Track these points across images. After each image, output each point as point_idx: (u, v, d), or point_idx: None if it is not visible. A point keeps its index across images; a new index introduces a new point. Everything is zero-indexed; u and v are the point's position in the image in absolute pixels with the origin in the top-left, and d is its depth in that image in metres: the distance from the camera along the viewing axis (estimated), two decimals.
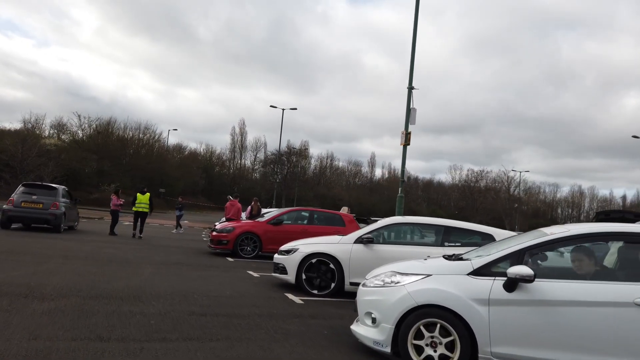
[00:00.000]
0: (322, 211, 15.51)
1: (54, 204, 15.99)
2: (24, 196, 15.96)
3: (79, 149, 52.71)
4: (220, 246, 13.97)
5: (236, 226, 14.16)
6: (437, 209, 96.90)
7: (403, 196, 15.17)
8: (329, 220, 15.04)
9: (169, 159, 67.98)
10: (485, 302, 4.43)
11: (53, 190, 16.70)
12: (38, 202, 15.84)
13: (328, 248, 8.42)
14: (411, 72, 15.27)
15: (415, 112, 15.17)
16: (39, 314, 5.51)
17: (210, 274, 9.97)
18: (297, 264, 8.46)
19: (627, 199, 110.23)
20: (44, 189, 16.65)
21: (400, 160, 15.54)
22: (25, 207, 15.77)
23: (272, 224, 14.23)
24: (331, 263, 8.31)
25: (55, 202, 16.03)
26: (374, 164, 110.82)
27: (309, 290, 8.36)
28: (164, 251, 13.82)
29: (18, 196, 15.97)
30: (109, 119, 60.02)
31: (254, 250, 13.91)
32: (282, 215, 14.57)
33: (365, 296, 5.11)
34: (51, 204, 15.93)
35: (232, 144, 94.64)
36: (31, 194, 16.04)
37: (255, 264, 12.50)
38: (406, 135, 15.07)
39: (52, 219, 15.93)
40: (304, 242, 8.90)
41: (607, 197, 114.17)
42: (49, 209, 15.86)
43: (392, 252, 8.15)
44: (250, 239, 13.94)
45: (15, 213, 15.76)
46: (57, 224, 16.06)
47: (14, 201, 15.85)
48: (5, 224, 15.87)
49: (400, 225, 8.86)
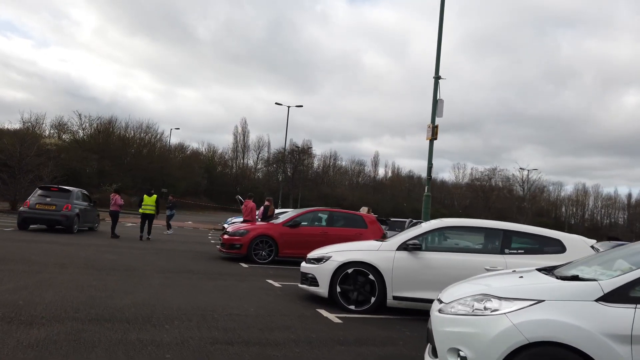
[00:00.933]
0: (342, 212, 14.32)
1: (67, 205, 16.52)
2: (39, 198, 16.70)
3: (80, 149, 51.60)
4: (232, 250, 12.79)
5: (250, 229, 12.98)
6: (440, 208, 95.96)
7: (430, 195, 13.99)
8: (350, 222, 13.88)
9: (171, 159, 66.85)
10: (626, 340, 3.25)
11: (67, 192, 17.18)
12: (51, 204, 16.51)
13: (366, 256, 7.23)
14: (437, 60, 14.09)
15: (443, 103, 13.99)
16: (24, 347, 4.34)
17: (226, 285, 8.79)
18: (330, 275, 7.27)
19: (632, 197, 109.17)
20: (58, 192, 17.19)
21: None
22: (39, 209, 16.45)
23: (288, 226, 13.06)
24: (370, 274, 7.12)
25: (67, 204, 16.56)
26: (377, 163, 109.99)
27: (345, 305, 7.17)
28: (170, 256, 12.66)
29: (34, 199, 16.75)
30: (110, 118, 58.97)
31: (270, 255, 12.75)
32: (299, 217, 13.39)
33: (446, 326, 3.90)
34: (64, 206, 16.48)
35: (234, 143, 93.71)
36: (46, 196, 16.79)
37: (273, 271, 11.33)
38: (433, 128, 13.88)
39: (64, 220, 16.46)
40: (337, 249, 7.71)
41: (612, 195, 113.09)
42: (61, 211, 16.42)
43: (443, 261, 6.98)
44: (265, 242, 12.76)
45: (30, 214, 16.47)
46: (69, 224, 16.53)
47: (30, 203, 16.62)
48: (22, 225, 16.54)
49: (451, 229, 7.64)
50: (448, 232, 7.70)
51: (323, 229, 13.34)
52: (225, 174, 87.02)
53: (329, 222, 13.56)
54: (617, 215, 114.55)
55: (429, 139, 13.97)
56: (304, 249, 13.10)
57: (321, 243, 13.23)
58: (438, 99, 14.01)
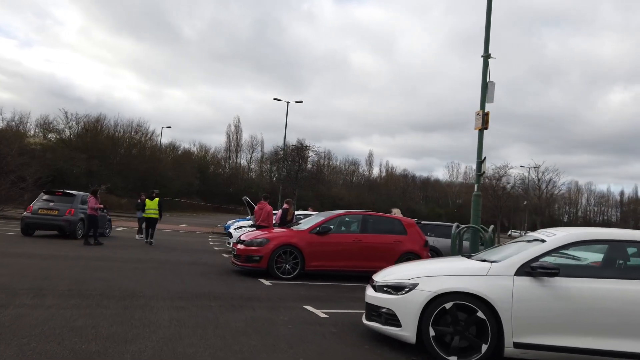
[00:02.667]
0: (377, 215, 12.13)
1: (70, 210, 16.04)
2: (42, 203, 16.30)
3: (66, 148, 49.02)
4: (249, 264, 10.57)
5: (270, 237, 10.76)
6: (435, 207, 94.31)
7: (480, 195, 11.84)
8: (386, 227, 11.76)
9: (163, 159, 64.30)
10: None
11: (71, 197, 16.68)
12: (54, 208, 16.08)
13: (471, 284, 5.05)
14: (487, 35, 11.98)
15: (494, 86, 11.85)
16: None
17: (258, 317, 6.57)
18: (419, 311, 5.09)
19: (624, 195, 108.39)
20: (63, 196, 16.71)
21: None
22: (41, 214, 16.02)
23: (316, 234, 10.88)
24: (479, 310, 4.96)
25: (70, 209, 16.08)
26: (371, 162, 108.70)
27: (443, 356, 4.97)
28: (175, 271, 10.41)
29: (37, 203, 16.32)
30: (98, 116, 56.44)
31: (295, 268, 10.56)
32: (327, 222, 11.19)
33: None
34: (66, 211, 16.00)
35: (227, 142, 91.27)
36: (49, 200, 16.36)
37: (304, 290, 9.15)
38: (483, 116, 11.74)
39: (66, 225, 16.00)
40: (421, 272, 5.49)
41: (605, 193, 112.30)
42: (64, 216, 15.95)
43: (595, 292, 4.82)
44: (289, 253, 10.57)
45: (32, 220, 16.03)
46: (72, 230, 16.09)
47: (32, 208, 16.19)
48: (25, 231, 16.20)
49: (596, 243, 5.43)
50: (593, 248, 5.50)
51: (356, 237, 11.18)
52: (219, 174, 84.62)
53: (362, 228, 11.39)
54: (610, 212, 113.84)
55: (478, 128, 11.82)
56: (335, 261, 10.97)
57: (354, 253, 11.09)
58: (488, 82, 11.88)
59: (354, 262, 11.00)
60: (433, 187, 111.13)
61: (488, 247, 11.14)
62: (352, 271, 11.13)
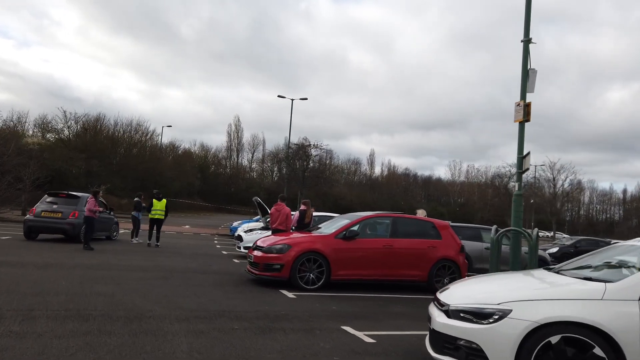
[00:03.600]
0: (407, 217, 10.99)
1: (74, 212, 15.27)
2: (46, 205, 15.59)
3: (65, 148, 47.78)
4: (269, 273, 9.43)
5: (292, 243, 9.60)
6: (437, 206, 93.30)
7: (522, 194, 10.69)
8: (418, 230, 10.64)
9: (163, 158, 63.06)
10: None
11: (76, 199, 15.90)
12: (57, 211, 15.38)
13: (583, 311, 3.90)
14: (527, 18, 10.83)
15: (535, 74, 10.71)
16: None
17: (293, 345, 5.43)
18: (515, 346, 3.94)
19: (627, 192, 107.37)
20: (66, 198, 15.99)
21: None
22: (44, 217, 15.30)
23: (342, 239, 9.74)
24: (596, 345, 3.82)
25: (74, 211, 15.30)
26: (373, 161, 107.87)
27: None
28: (186, 282, 9.27)
29: (41, 206, 15.61)
30: (98, 116, 55.14)
31: (319, 278, 9.42)
32: (354, 225, 10.04)
33: None
34: (70, 213, 15.27)
35: (228, 141, 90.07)
36: (53, 203, 15.68)
37: (335, 304, 8.02)
38: (524, 107, 10.60)
39: (70, 228, 15.24)
40: (514, 294, 4.29)
41: (607, 191, 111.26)
42: (67, 218, 15.22)
43: None
44: (313, 261, 9.42)
45: (35, 223, 15.31)
46: (76, 233, 15.22)
47: (35, 211, 15.48)
48: (28, 234, 15.47)
49: None
50: None
51: (386, 241, 10.04)
52: (219, 174, 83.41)
53: (392, 232, 10.24)
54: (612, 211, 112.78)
55: (518, 120, 10.66)
56: (364, 269, 9.80)
57: (385, 260, 9.92)
58: (529, 69, 10.74)
59: (384, 270, 9.88)
60: (435, 185, 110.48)
61: (532, 253, 10.03)
62: (382, 280, 10.01)
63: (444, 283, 10.28)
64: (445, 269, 10.35)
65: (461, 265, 10.49)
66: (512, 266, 10.52)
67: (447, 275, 10.34)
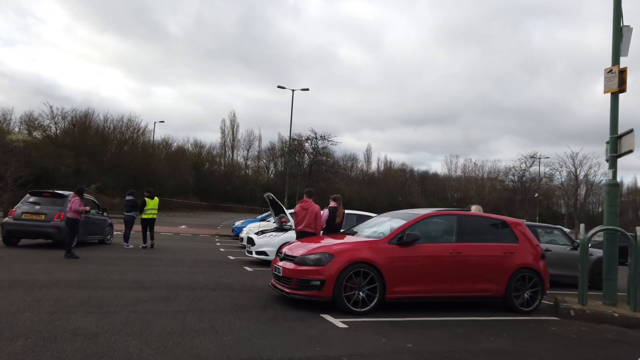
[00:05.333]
0: (474, 215, 8.70)
1: (59, 214, 13.36)
2: (28, 206, 13.72)
3: (52, 145, 45.16)
4: (306, 292, 7.13)
5: (334, 251, 7.30)
6: (435, 201, 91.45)
7: (617, 184, 8.48)
8: (489, 232, 8.41)
9: (156, 155, 60.48)
10: None
11: (61, 198, 13.92)
12: (40, 212, 13.50)
13: None
14: None
15: (631, 33, 8.51)
16: None
17: None
18: None
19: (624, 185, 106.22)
20: (51, 198, 14.06)
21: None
22: (25, 220, 13.41)
23: (398, 244, 7.48)
24: None
25: (60, 213, 13.38)
26: (370, 157, 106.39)
27: None
28: (195, 305, 6.98)
29: (23, 206, 13.71)
30: (87, 111, 52.50)
31: (372, 297, 7.16)
32: (411, 227, 7.76)
33: None
34: (55, 215, 13.39)
35: (222, 138, 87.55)
36: (35, 203, 13.81)
37: (405, 336, 5.78)
38: (619, 74, 8.37)
39: (55, 232, 13.31)
40: None
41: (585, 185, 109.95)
42: (52, 221, 13.34)
43: None
44: (363, 275, 7.16)
45: (15, 227, 13.40)
46: (62, 238, 13.02)
47: (15, 212, 13.60)
48: (7, 240, 13.65)
49: None
50: None
51: (453, 247, 7.80)
52: (214, 171, 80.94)
53: (458, 234, 7.98)
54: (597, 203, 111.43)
55: (611, 91, 8.44)
56: (427, 283, 7.41)
57: (453, 271, 7.50)
58: (622, 26, 8.54)
59: (451, 284, 7.64)
60: (431, 181, 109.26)
61: (638, 259, 7.85)
62: (448, 298, 7.77)
63: (524, 298, 8.08)
64: (525, 281, 8.13)
65: (543, 275, 8.28)
66: (606, 274, 8.33)
67: (528, 288, 8.13)
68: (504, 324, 7.06)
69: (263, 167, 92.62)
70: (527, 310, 8.06)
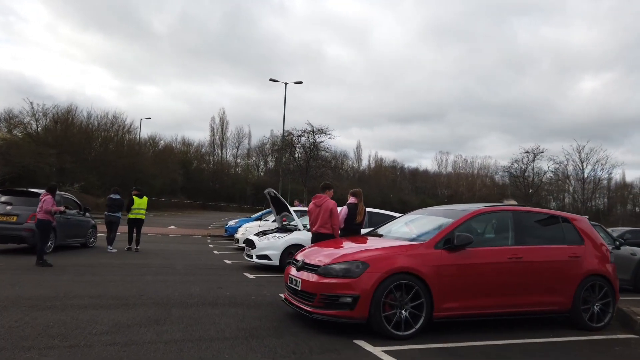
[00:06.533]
0: (532, 211, 7.15)
1: (33, 215, 11.54)
2: None
3: (33, 143, 43.13)
4: (334, 311, 5.59)
5: (368, 258, 5.75)
6: (426, 198, 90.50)
7: None
8: (549, 231, 6.92)
9: (143, 153, 58.50)
10: None
11: (35, 197, 12.03)
12: (12, 214, 12.07)
13: None
14: None
15: None
16: None
17: None
18: None
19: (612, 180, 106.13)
20: (25, 197, 12.60)
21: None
22: None
23: (446, 249, 5.95)
24: None
25: (34, 214, 11.50)
26: (360, 154, 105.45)
27: None
28: (192, 328, 5.42)
29: None
30: (69, 107, 50.29)
31: (418, 316, 5.64)
32: (460, 226, 6.22)
33: None
34: (28, 216, 11.88)
35: (211, 136, 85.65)
36: (7, 203, 12.41)
37: None
38: None
39: (29, 236, 11.76)
40: None
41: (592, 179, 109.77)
42: (24, 223, 11.87)
43: None
44: (406, 289, 5.63)
45: None
46: (36, 242, 11.05)
47: None
48: None
49: None
50: None
51: (512, 251, 6.28)
52: (203, 170, 79.07)
53: (517, 235, 6.47)
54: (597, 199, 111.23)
55: None
56: (483, 297, 5.72)
57: (512, 281, 6.02)
58: None
59: (512, 298, 6.13)
60: (422, 177, 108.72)
61: None
62: (509, 314, 6.26)
63: (594, 312, 6.62)
64: (594, 290, 6.66)
65: (614, 282, 6.82)
66: None
67: (598, 299, 6.66)
68: (580, 347, 5.59)
69: (253, 165, 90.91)
70: (597, 326, 6.59)
